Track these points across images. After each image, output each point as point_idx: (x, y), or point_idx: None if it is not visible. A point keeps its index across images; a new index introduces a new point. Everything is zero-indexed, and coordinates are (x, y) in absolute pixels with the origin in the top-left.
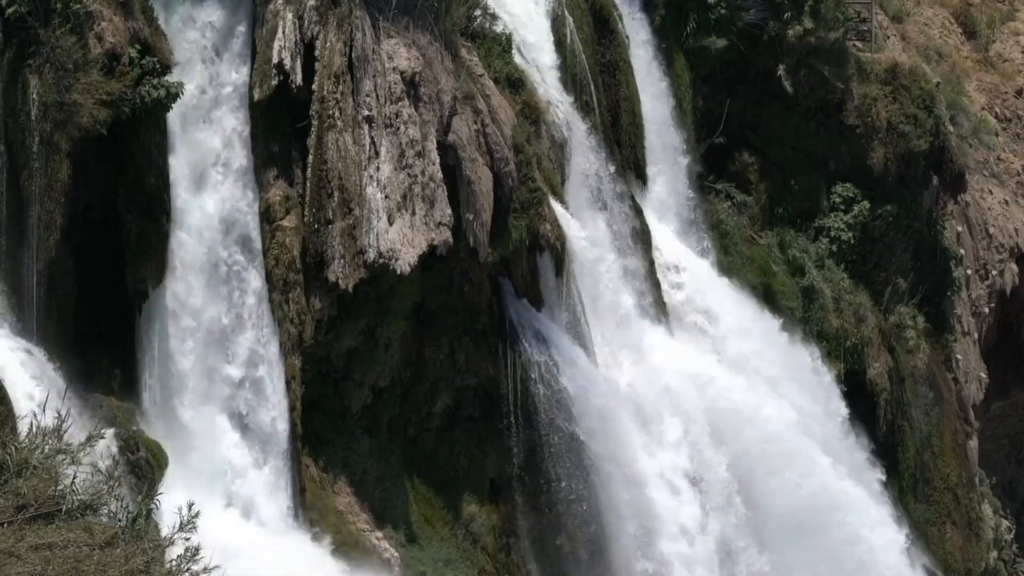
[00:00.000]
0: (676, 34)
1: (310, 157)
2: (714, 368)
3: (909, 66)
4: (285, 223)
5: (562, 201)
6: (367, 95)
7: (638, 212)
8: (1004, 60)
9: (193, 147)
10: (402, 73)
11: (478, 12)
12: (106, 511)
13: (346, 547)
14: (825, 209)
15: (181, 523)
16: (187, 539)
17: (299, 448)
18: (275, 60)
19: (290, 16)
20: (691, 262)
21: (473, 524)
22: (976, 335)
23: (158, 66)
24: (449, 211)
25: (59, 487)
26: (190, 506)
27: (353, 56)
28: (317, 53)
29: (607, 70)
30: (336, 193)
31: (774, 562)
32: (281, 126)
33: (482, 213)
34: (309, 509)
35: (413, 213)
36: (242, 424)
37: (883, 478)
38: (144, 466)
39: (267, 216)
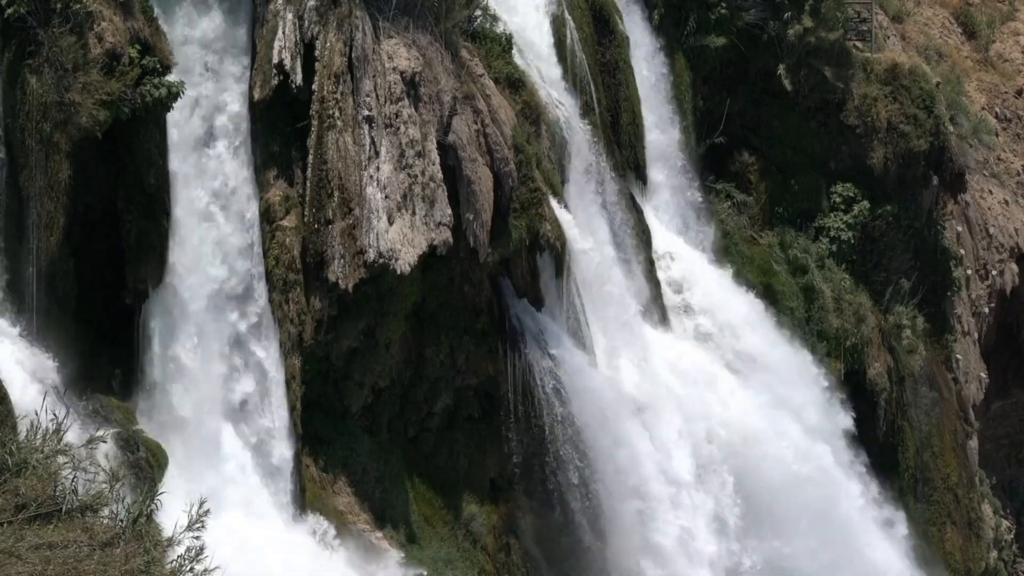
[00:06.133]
0: (676, 34)
1: (310, 157)
2: (714, 366)
3: (909, 66)
4: (285, 223)
5: (562, 201)
6: (367, 95)
7: (638, 212)
8: (1004, 60)
9: None
10: (402, 73)
11: (478, 12)
12: (107, 511)
13: (346, 547)
14: (825, 209)
15: (190, 521)
16: (196, 537)
17: (299, 448)
18: (275, 60)
19: (290, 16)
20: (691, 261)
21: (473, 524)
22: (976, 335)
23: (158, 66)
24: (449, 211)
25: (59, 487)
26: (200, 504)
27: (353, 56)
28: (317, 53)
29: (607, 70)
30: (336, 193)
31: (774, 557)
32: (281, 126)
33: (482, 213)
34: (309, 509)
35: (413, 213)
36: (242, 424)
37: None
38: (144, 466)
39: (267, 216)
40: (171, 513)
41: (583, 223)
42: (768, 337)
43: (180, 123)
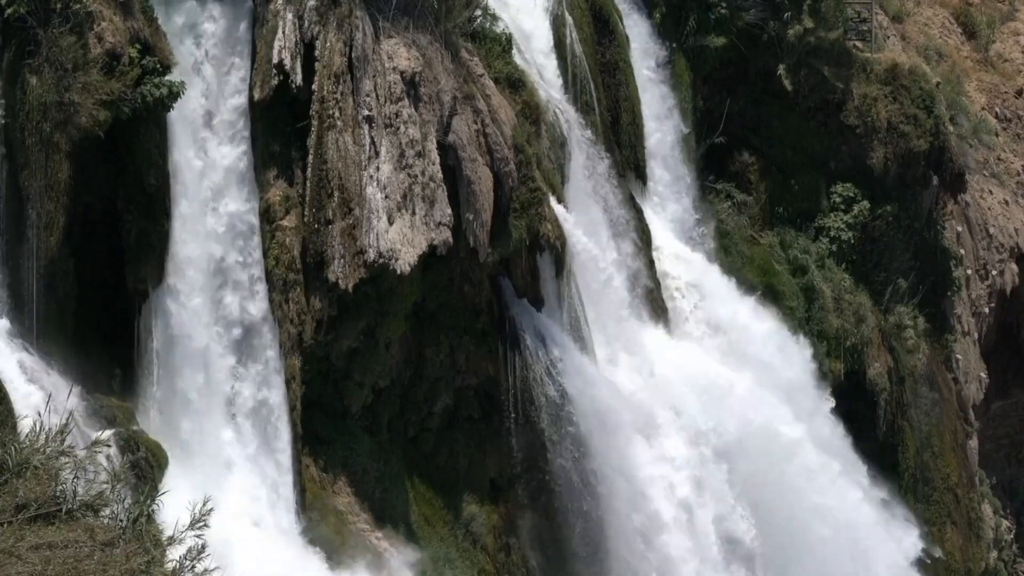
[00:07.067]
0: (676, 34)
1: (310, 157)
2: (713, 366)
3: (909, 66)
4: (285, 223)
5: (562, 201)
6: (367, 95)
7: (638, 212)
8: (1004, 60)
9: None
10: (402, 73)
11: (478, 12)
12: (107, 511)
13: (346, 547)
14: (825, 209)
15: (192, 520)
16: (199, 535)
17: (299, 448)
18: (275, 60)
19: (290, 16)
20: (691, 261)
21: (473, 524)
22: (976, 335)
23: (158, 66)
24: (449, 211)
25: (59, 487)
26: (205, 502)
27: (353, 56)
28: (317, 53)
29: (607, 70)
30: (336, 193)
31: (775, 558)
32: (281, 126)
33: (482, 213)
34: (309, 509)
35: (413, 213)
36: (242, 424)
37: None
38: (144, 466)
39: (267, 216)
40: (171, 512)
41: (583, 223)
42: (768, 337)
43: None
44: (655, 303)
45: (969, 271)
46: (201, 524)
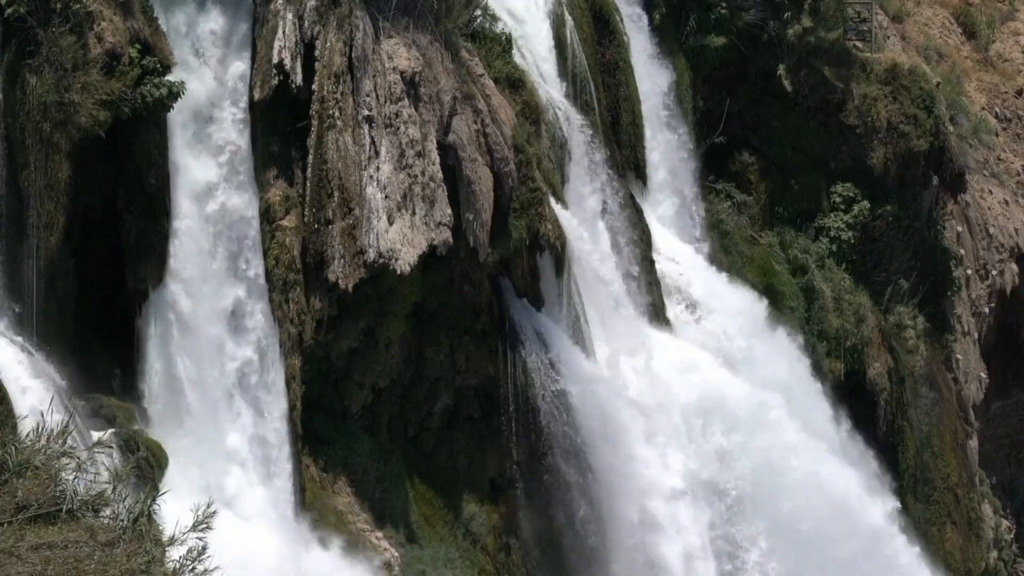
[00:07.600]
0: (676, 34)
1: (310, 157)
2: (713, 366)
3: (909, 66)
4: (285, 223)
5: (562, 201)
6: (367, 95)
7: (638, 212)
8: (1004, 60)
9: None
10: (402, 73)
11: (478, 12)
12: (108, 511)
13: (346, 547)
14: (825, 209)
15: (195, 522)
16: (201, 538)
17: (299, 448)
18: (275, 60)
19: (290, 16)
20: (691, 261)
21: (473, 524)
22: (976, 335)
23: (158, 66)
24: (449, 211)
25: (59, 488)
26: (208, 505)
27: (353, 56)
28: (317, 53)
29: (607, 70)
30: (336, 193)
31: (775, 559)
32: (281, 126)
33: (482, 213)
34: (309, 509)
35: (413, 213)
36: (242, 424)
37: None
38: (144, 466)
39: (267, 216)
40: (171, 511)
41: (583, 223)
42: (767, 337)
43: None
44: (654, 302)
45: (969, 271)
46: (203, 526)
